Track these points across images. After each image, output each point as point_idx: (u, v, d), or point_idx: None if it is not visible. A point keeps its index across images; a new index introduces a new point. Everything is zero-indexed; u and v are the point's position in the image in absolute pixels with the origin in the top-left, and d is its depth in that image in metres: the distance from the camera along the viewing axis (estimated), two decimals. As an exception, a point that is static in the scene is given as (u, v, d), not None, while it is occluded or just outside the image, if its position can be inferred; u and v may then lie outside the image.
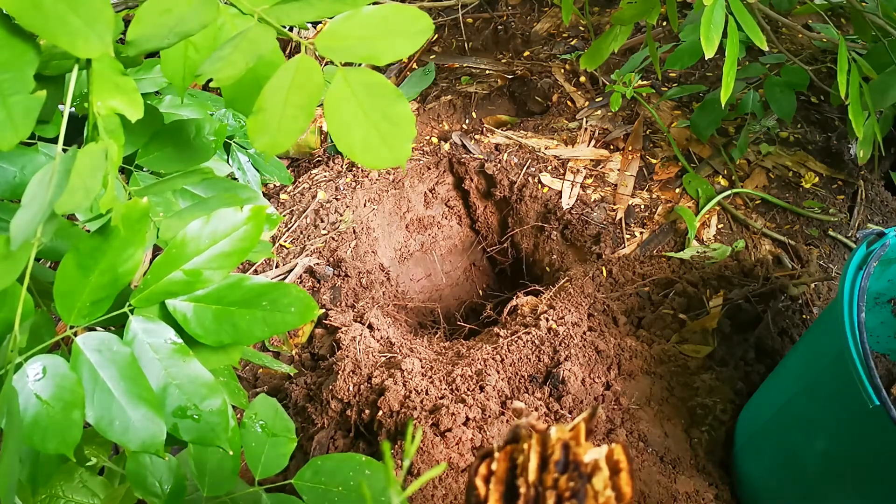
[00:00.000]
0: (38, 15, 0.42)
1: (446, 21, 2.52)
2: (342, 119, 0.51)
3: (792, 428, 1.10)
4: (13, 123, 0.44)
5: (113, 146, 0.45)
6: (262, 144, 0.51)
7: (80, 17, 0.43)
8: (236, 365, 0.63)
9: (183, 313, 0.56)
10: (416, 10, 0.52)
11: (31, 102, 0.45)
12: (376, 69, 0.54)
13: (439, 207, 2.21)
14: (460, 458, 1.23)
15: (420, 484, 0.32)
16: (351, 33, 0.51)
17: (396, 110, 0.52)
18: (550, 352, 1.48)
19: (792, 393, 1.11)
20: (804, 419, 1.08)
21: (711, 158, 1.89)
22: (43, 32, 0.42)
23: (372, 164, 0.53)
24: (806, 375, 1.09)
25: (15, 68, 0.44)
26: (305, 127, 0.51)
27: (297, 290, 0.57)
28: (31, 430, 0.50)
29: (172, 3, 0.47)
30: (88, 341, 0.53)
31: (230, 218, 0.56)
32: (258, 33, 0.49)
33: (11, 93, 0.44)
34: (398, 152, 0.53)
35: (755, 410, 1.25)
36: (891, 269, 1.14)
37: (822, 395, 1.03)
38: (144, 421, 0.52)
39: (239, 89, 0.56)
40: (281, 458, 0.74)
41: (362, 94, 0.51)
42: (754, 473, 1.18)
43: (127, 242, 0.51)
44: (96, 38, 0.44)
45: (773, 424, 1.15)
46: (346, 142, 0.52)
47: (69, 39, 0.43)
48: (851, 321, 0.92)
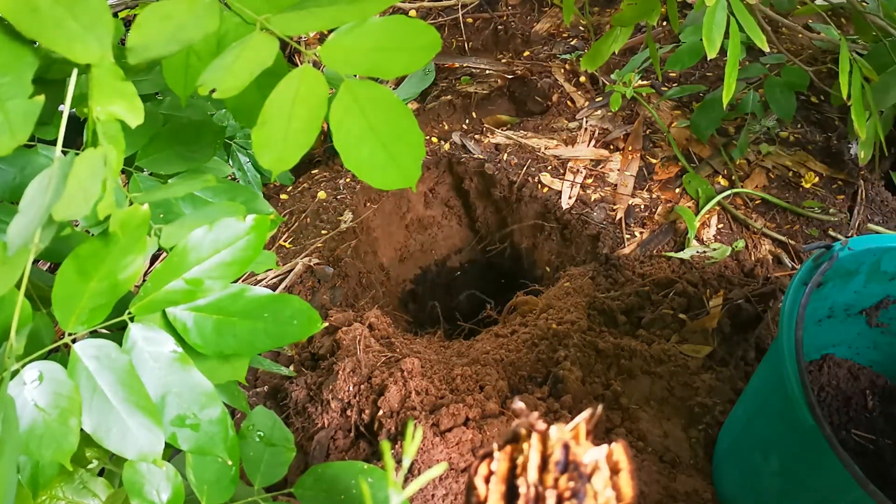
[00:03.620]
0: (35, 19, 0.41)
1: (446, 21, 2.52)
2: (348, 135, 0.50)
3: (753, 448, 1.09)
4: (11, 128, 0.44)
5: (112, 152, 0.44)
6: (267, 160, 0.49)
7: (79, 21, 0.42)
8: (243, 381, 0.63)
9: (183, 322, 0.56)
10: (422, 24, 0.50)
11: (30, 107, 0.44)
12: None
13: (439, 207, 2.21)
14: (460, 458, 1.23)
15: (420, 484, 0.32)
16: (356, 45, 0.50)
17: (405, 127, 0.51)
18: (550, 351, 1.48)
19: (752, 412, 1.10)
20: (761, 439, 1.07)
21: (711, 158, 1.89)
22: (40, 37, 0.42)
23: (380, 184, 0.52)
24: (761, 394, 1.08)
25: (12, 72, 0.43)
26: (312, 142, 0.49)
27: (300, 302, 0.56)
28: (28, 438, 0.49)
29: (173, 9, 0.46)
30: (86, 348, 0.53)
31: (233, 227, 0.56)
32: (261, 42, 0.48)
33: (9, 97, 0.44)
34: (408, 172, 0.52)
35: (728, 428, 1.24)
36: (854, 280, 1.12)
37: (774, 416, 1.02)
38: (142, 429, 0.52)
39: (242, 100, 0.55)
40: (280, 467, 0.74)
41: (369, 108, 0.50)
42: (728, 493, 1.18)
43: (127, 249, 0.50)
44: (95, 43, 0.43)
45: (739, 443, 1.14)
46: (353, 159, 0.51)
47: (67, 44, 0.42)
48: (789, 338, 0.91)
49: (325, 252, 1.84)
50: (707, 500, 1.21)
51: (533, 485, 0.38)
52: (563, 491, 0.38)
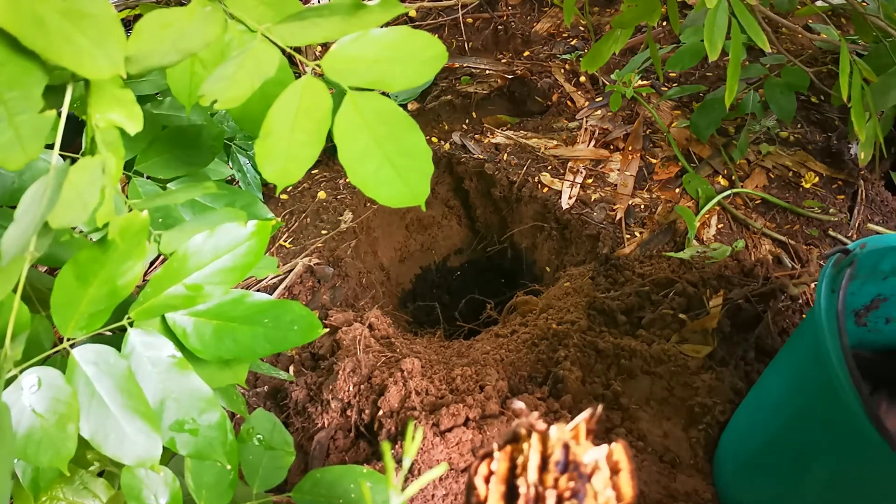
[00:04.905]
0: (41, 33, 0.40)
1: (446, 21, 2.52)
2: (353, 149, 0.49)
3: (787, 459, 1.07)
4: (21, 143, 0.43)
5: (111, 159, 0.44)
6: (271, 174, 0.48)
7: (87, 35, 0.41)
8: (243, 384, 0.62)
9: (183, 327, 0.55)
10: (428, 36, 0.49)
11: (40, 122, 0.43)
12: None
13: (439, 207, 2.21)
14: (460, 459, 1.24)
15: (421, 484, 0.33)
16: (359, 56, 0.48)
17: (412, 143, 0.50)
18: (550, 351, 1.48)
19: (780, 422, 1.08)
20: (798, 451, 1.04)
21: (711, 158, 1.89)
22: (46, 51, 0.40)
23: (387, 201, 0.50)
24: (793, 404, 1.05)
25: (21, 86, 0.42)
26: (316, 156, 0.48)
27: (301, 308, 0.56)
28: (25, 444, 0.49)
29: (172, 17, 0.45)
30: (85, 353, 0.53)
31: (234, 233, 0.55)
32: (262, 52, 0.47)
33: (18, 112, 0.42)
34: (416, 189, 0.50)
35: (738, 442, 1.21)
36: (853, 282, 1.11)
37: (815, 427, 0.99)
38: (140, 435, 0.51)
39: (246, 109, 0.53)
40: (279, 471, 0.73)
41: (374, 122, 0.49)
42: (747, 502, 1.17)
43: (126, 255, 0.50)
44: (104, 59, 0.42)
45: (762, 458, 1.12)
46: (358, 175, 0.50)
47: (75, 60, 0.41)
48: (836, 351, 0.88)
49: (325, 252, 1.84)
50: (707, 500, 1.21)
51: (533, 485, 0.38)
52: (563, 491, 0.38)
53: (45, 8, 0.40)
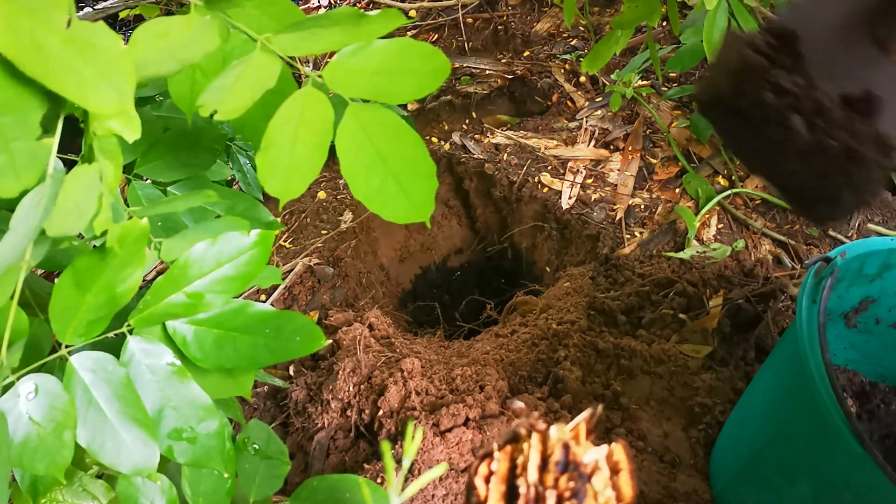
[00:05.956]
0: (42, 61, 0.37)
1: (446, 21, 2.51)
2: (356, 163, 0.48)
3: (772, 473, 1.06)
4: (15, 170, 0.40)
5: (109, 167, 0.44)
6: (273, 187, 0.47)
7: (93, 66, 0.38)
8: (248, 397, 0.62)
9: (183, 336, 0.55)
10: (431, 48, 0.48)
11: (37, 149, 0.41)
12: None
13: (439, 207, 2.21)
14: (460, 459, 1.24)
15: (420, 485, 0.33)
16: (361, 67, 0.47)
17: (417, 157, 0.48)
18: (550, 351, 1.48)
19: (766, 435, 1.07)
20: (783, 465, 1.04)
21: (711, 158, 1.89)
22: (46, 80, 0.38)
23: (391, 217, 0.49)
24: (778, 418, 1.04)
25: (16, 111, 0.40)
26: (318, 170, 0.46)
27: (303, 318, 0.55)
28: (21, 451, 0.49)
29: (170, 26, 0.44)
30: (83, 360, 0.52)
31: (236, 242, 0.55)
32: (262, 62, 0.46)
33: (13, 138, 0.40)
34: (421, 205, 0.49)
35: (730, 451, 1.21)
36: (837, 286, 1.10)
37: (800, 441, 0.98)
38: (137, 443, 0.51)
39: (246, 118, 0.51)
40: (276, 479, 0.73)
41: (377, 135, 0.48)
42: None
43: (125, 262, 0.50)
44: (111, 91, 0.39)
45: (752, 468, 1.11)
46: (362, 189, 0.48)
47: (78, 91, 0.39)
48: (817, 364, 0.87)
49: (325, 252, 1.84)
50: (707, 500, 1.21)
51: (533, 485, 0.38)
52: (563, 491, 0.38)
53: (44, 33, 0.37)
